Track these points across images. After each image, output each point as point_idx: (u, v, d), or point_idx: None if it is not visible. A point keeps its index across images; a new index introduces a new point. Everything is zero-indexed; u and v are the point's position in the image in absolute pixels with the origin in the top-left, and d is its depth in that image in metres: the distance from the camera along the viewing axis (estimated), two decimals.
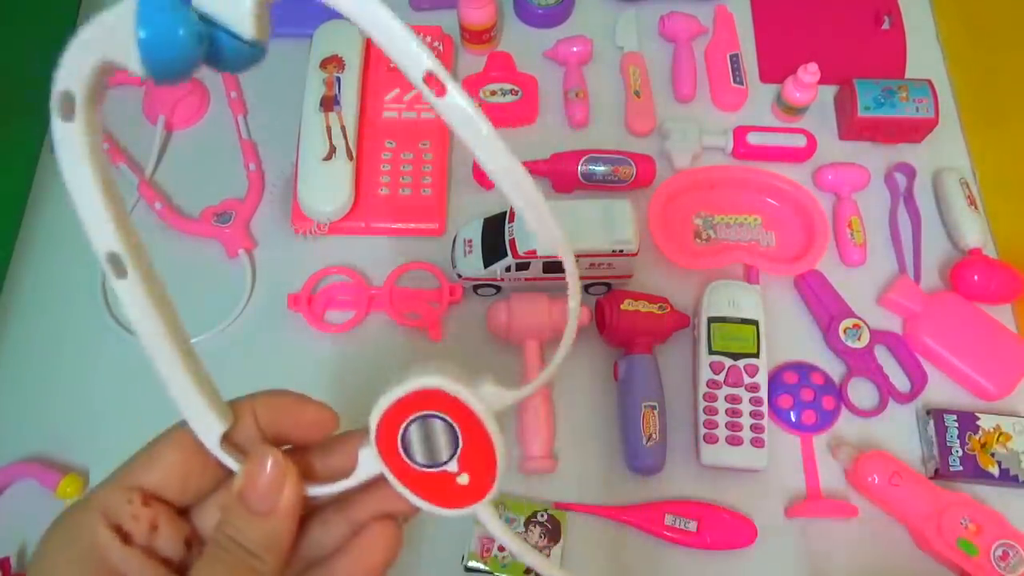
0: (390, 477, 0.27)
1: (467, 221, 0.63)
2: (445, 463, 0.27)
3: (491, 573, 0.54)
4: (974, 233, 0.66)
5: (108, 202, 0.24)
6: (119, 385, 0.61)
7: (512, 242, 0.59)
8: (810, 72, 0.68)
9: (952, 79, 0.76)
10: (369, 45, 0.72)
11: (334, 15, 0.79)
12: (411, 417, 0.27)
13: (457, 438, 0.27)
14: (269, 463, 0.27)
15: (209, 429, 0.27)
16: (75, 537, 0.26)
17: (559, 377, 0.62)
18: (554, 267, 0.60)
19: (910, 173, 0.70)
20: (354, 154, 0.66)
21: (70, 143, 0.23)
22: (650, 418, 0.58)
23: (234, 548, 0.26)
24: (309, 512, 0.29)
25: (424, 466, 0.27)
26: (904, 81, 0.70)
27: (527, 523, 0.56)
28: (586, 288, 0.64)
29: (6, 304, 0.65)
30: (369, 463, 0.28)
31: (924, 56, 0.76)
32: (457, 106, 0.24)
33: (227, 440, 0.28)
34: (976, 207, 0.68)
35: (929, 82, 0.70)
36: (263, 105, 0.73)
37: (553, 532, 0.56)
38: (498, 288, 0.63)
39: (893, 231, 0.68)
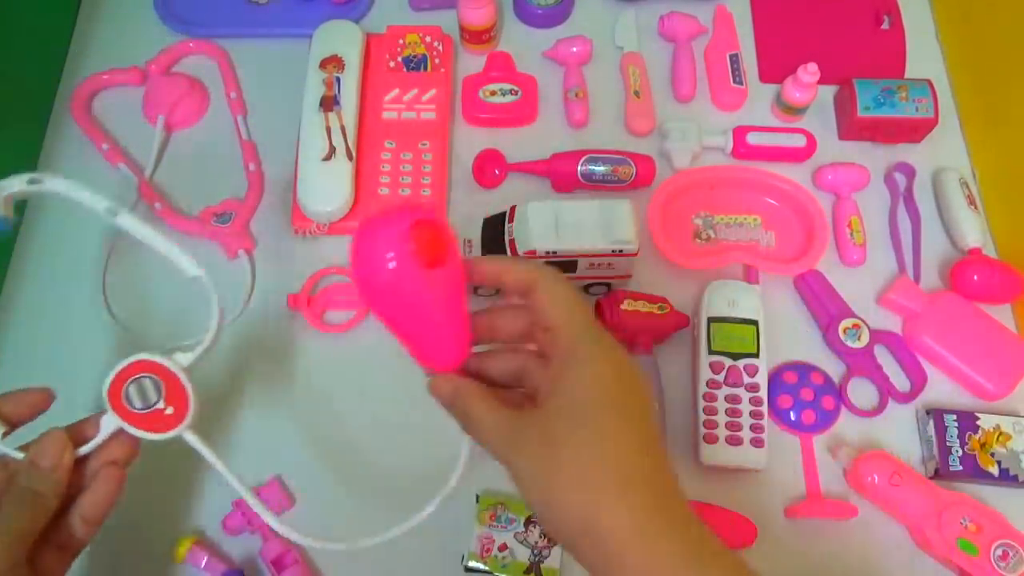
0: (123, 423, 0.42)
1: (467, 221, 0.63)
2: (156, 403, 0.42)
3: (491, 573, 0.54)
4: (974, 233, 0.66)
5: None
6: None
7: (512, 242, 0.59)
8: (810, 72, 0.68)
9: (952, 79, 0.76)
10: (369, 45, 0.72)
11: (334, 15, 0.79)
12: (128, 381, 0.42)
13: (160, 386, 0.42)
14: (56, 438, 0.42)
15: None
16: None
17: None
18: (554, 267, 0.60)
19: (910, 173, 0.70)
20: (354, 154, 0.66)
21: None
22: None
23: (30, 493, 0.41)
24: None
25: (142, 409, 0.42)
26: (904, 81, 0.70)
27: (527, 523, 0.56)
28: (586, 288, 0.64)
29: (6, 304, 0.65)
30: (109, 422, 0.42)
31: (924, 56, 0.76)
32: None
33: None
34: (976, 207, 0.68)
35: (929, 82, 0.70)
36: (263, 105, 0.73)
37: None
38: (498, 288, 0.63)
39: (893, 231, 0.68)
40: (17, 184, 0.44)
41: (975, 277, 0.64)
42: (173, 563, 0.55)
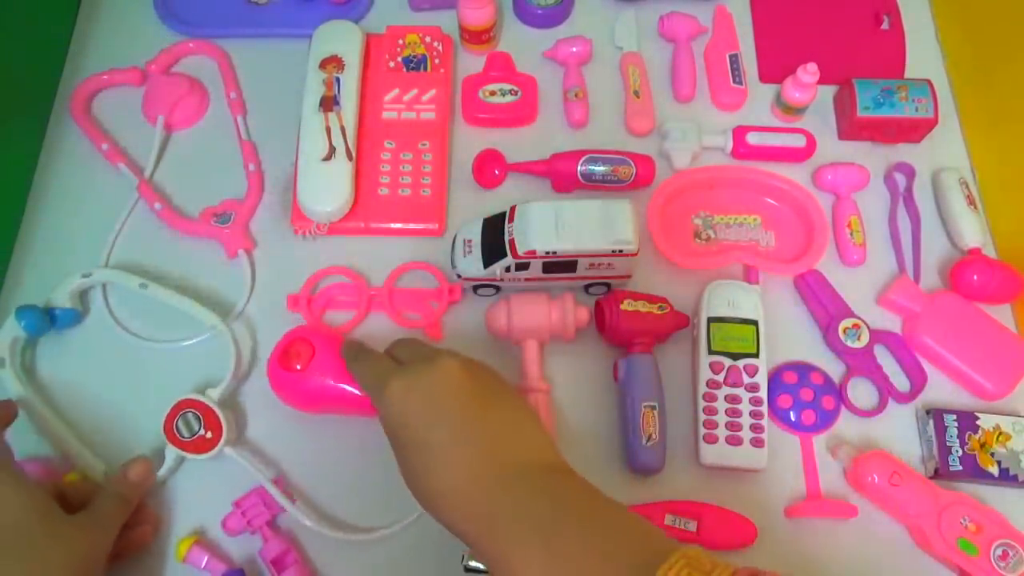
0: (179, 451, 0.56)
1: (467, 221, 0.63)
2: (198, 431, 0.56)
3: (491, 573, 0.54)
4: (973, 233, 0.66)
5: None
6: (119, 384, 0.61)
7: (512, 242, 0.59)
8: (809, 72, 0.68)
9: (951, 79, 0.76)
10: (369, 45, 0.72)
11: (334, 15, 0.79)
12: (176, 417, 0.56)
13: (200, 418, 0.56)
14: (145, 461, 0.56)
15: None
16: None
17: (559, 377, 0.62)
18: (554, 267, 0.60)
19: (909, 173, 0.70)
20: (354, 154, 0.66)
21: None
22: (650, 418, 0.58)
23: (119, 496, 0.53)
24: None
25: (189, 438, 0.56)
26: (903, 81, 0.70)
27: None
28: (586, 288, 0.64)
29: (6, 304, 0.65)
30: (171, 452, 0.57)
31: (923, 56, 0.76)
32: None
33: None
34: (975, 207, 0.68)
35: (928, 82, 0.70)
36: (263, 105, 0.73)
37: None
38: (498, 288, 0.63)
39: (893, 231, 0.68)
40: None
41: (975, 277, 0.64)
42: (173, 563, 0.55)
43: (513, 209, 0.61)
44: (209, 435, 0.55)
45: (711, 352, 0.60)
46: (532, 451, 0.47)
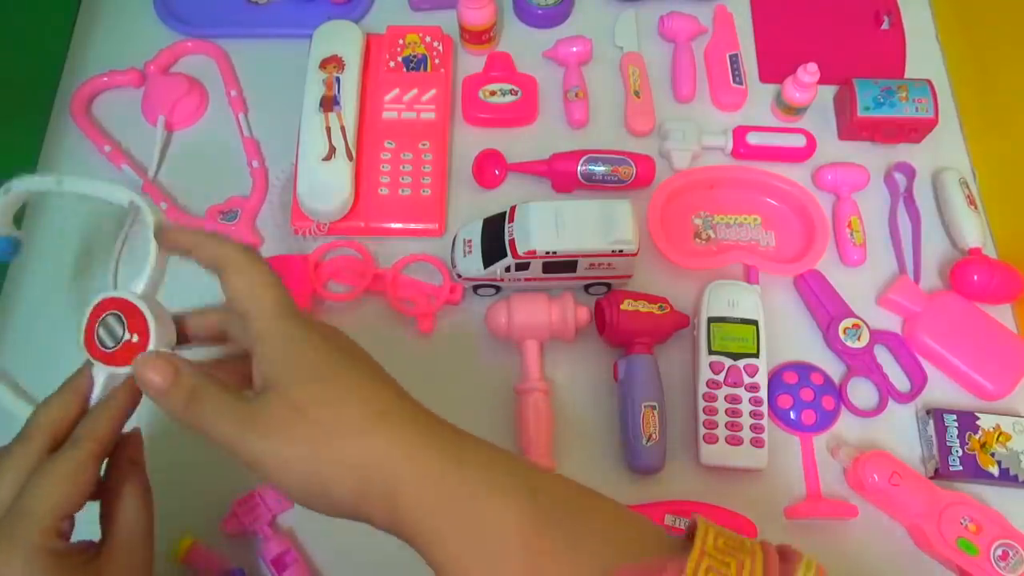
0: (106, 367, 0.41)
1: (467, 221, 0.63)
2: (123, 337, 0.40)
3: None
4: (974, 233, 0.66)
5: None
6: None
7: (512, 242, 0.59)
8: (810, 72, 0.68)
9: (952, 79, 0.76)
10: (369, 45, 0.72)
11: (334, 15, 0.79)
12: (95, 326, 0.41)
13: (123, 320, 0.41)
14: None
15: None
16: None
17: (559, 377, 0.62)
18: (554, 267, 0.60)
19: (910, 173, 0.70)
20: (354, 154, 0.66)
21: None
22: (650, 418, 0.58)
23: (134, 485, 0.42)
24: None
25: (114, 347, 0.40)
26: (904, 81, 0.70)
27: None
28: (586, 288, 0.64)
29: (6, 304, 0.65)
30: (98, 371, 0.41)
31: (924, 56, 0.76)
32: None
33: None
34: (976, 207, 0.68)
35: (929, 82, 0.70)
36: (263, 106, 0.73)
37: None
38: (498, 288, 0.63)
39: (893, 231, 0.68)
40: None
41: (975, 277, 0.64)
42: (173, 563, 0.55)
43: (513, 209, 0.61)
44: (135, 338, 0.41)
45: (711, 352, 0.60)
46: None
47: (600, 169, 0.67)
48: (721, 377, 0.59)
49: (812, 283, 0.64)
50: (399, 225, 0.66)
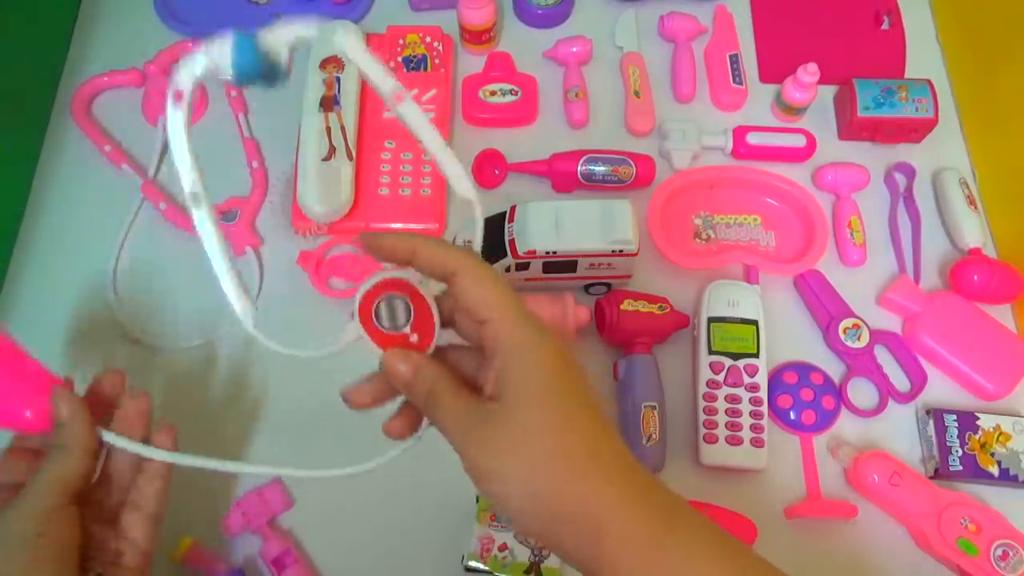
0: (366, 338, 0.38)
1: (467, 221, 0.63)
2: (402, 327, 0.39)
3: (491, 573, 0.54)
4: (974, 233, 0.66)
5: (193, 159, 0.40)
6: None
7: (512, 242, 0.59)
8: (810, 72, 0.68)
9: (952, 79, 0.76)
10: (369, 45, 0.72)
11: (334, 15, 0.79)
12: (380, 297, 0.38)
13: (410, 311, 0.39)
14: (60, 396, 0.47)
15: (245, 313, 0.41)
16: None
17: None
18: (554, 267, 0.60)
19: (910, 173, 0.70)
20: (354, 154, 0.66)
21: (177, 120, 0.38)
22: (650, 418, 0.58)
23: (54, 448, 0.45)
24: None
25: (388, 330, 0.39)
26: (904, 81, 0.70)
27: None
28: (586, 288, 0.64)
29: (6, 304, 0.65)
30: (352, 330, 0.39)
31: (924, 56, 0.76)
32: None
33: None
34: (976, 207, 0.68)
35: (929, 82, 0.70)
36: (263, 106, 0.73)
37: None
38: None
39: (893, 231, 0.68)
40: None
41: (975, 277, 0.64)
42: (173, 563, 0.55)
43: (513, 209, 0.61)
44: (415, 338, 0.39)
45: (711, 352, 0.60)
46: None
47: (600, 169, 0.67)
48: (721, 377, 0.59)
49: (812, 283, 0.64)
50: (399, 225, 0.66)
